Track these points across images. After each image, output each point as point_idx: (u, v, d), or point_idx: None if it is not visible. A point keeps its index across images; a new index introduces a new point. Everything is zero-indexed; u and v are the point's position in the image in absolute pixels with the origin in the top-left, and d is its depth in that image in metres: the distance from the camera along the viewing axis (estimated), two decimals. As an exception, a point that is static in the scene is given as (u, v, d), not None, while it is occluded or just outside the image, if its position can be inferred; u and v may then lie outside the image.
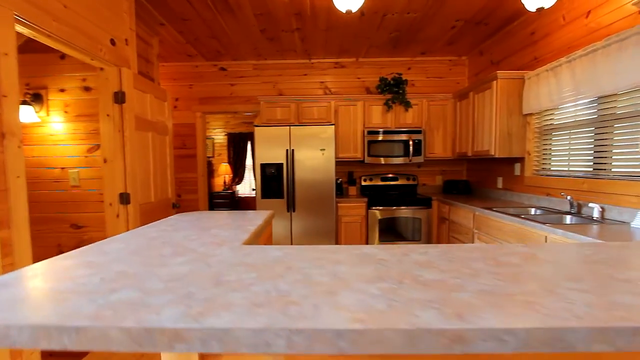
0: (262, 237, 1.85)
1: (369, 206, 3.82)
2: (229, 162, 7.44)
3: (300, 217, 3.66)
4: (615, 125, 2.35)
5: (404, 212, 3.82)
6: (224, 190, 7.25)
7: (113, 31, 2.38)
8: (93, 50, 2.15)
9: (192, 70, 4.37)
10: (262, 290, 0.75)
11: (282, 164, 3.65)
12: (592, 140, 2.53)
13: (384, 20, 3.25)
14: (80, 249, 1.17)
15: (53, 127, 2.98)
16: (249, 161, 7.62)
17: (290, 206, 3.66)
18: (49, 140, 2.99)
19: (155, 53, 3.30)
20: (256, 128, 3.63)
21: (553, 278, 0.83)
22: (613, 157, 2.36)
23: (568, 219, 2.46)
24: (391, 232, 3.83)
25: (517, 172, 3.32)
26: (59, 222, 2.96)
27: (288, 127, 3.64)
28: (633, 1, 2.10)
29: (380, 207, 3.82)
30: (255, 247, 1.15)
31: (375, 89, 4.40)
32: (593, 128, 2.53)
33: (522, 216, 2.39)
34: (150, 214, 2.72)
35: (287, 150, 3.63)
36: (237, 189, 7.60)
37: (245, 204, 7.71)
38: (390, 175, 4.34)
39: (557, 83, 2.68)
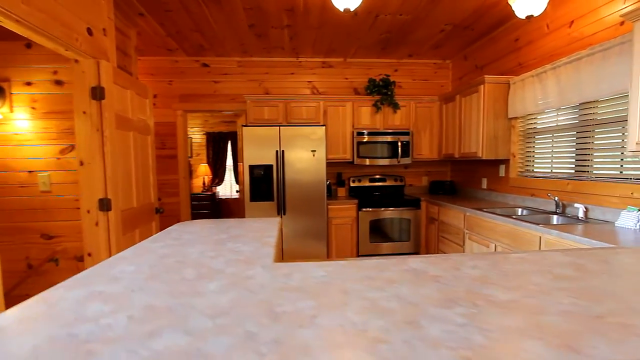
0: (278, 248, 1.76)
1: (360, 208, 3.80)
2: (208, 163, 7.15)
3: (291, 220, 3.57)
4: (596, 130, 2.48)
5: (394, 213, 3.84)
6: (203, 191, 6.95)
7: (90, 19, 2.16)
8: (68, 39, 1.93)
9: (171, 66, 4.12)
10: (333, 325, 0.66)
11: (271, 165, 3.53)
12: (574, 143, 2.65)
13: (376, 21, 3.22)
14: (81, 274, 1.01)
15: (18, 125, 2.68)
16: (229, 161, 7.37)
17: (281, 209, 3.55)
18: (14, 140, 2.69)
19: (133, 45, 3.07)
20: (244, 128, 3.48)
21: (624, 293, 0.81)
22: (594, 160, 2.48)
23: (555, 219, 2.56)
24: (381, 233, 3.83)
25: (502, 173, 3.43)
26: (27, 231, 2.67)
27: (278, 127, 3.52)
28: (620, 13, 2.22)
29: (371, 209, 3.81)
30: (290, 265, 1.06)
31: (363, 90, 4.38)
32: (575, 132, 2.65)
33: (514, 217, 2.46)
34: (133, 221, 2.52)
35: (277, 151, 3.52)
36: (217, 190, 7.33)
37: (226, 206, 7.45)
38: (378, 177, 4.35)
39: (542, 88, 2.78)
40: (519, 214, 2.92)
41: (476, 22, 3.27)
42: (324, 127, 3.56)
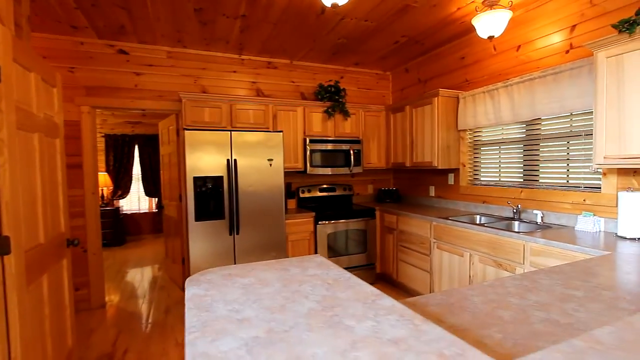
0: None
1: (316, 221, 3.55)
2: (109, 171, 5.88)
3: (245, 240, 3.09)
4: (541, 144, 2.80)
5: (350, 224, 3.70)
6: (102, 206, 5.65)
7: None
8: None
9: (75, 49, 3.17)
10: None
11: (221, 177, 2.99)
12: (522, 155, 2.96)
13: (339, 24, 3.05)
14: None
15: None
16: (136, 169, 6.20)
17: (234, 228, 3.04)
18: None
19: (25, 15, 2.23)
20: (186, 132, 2.87)
21: None
22: (541, 170, 2.80)
23: (516, 225, 2.79)
24: (338, 246, 3.65)
25: (451, 181, 3.64)
26: None
27: (229, 132, 3.02)
28: (566, 42, 2.53)
29: (327, 222, 3.59)
30: None
31: (311, 95, 4.16)
32: (522, 145, 2.96)
33: (486, 225, 2.57)
34: (41, 263, 1.77)
35: (228, 160, 3.01)
36: (121, 204, 6.07)
37: (133, 222, 6.24)
38: (327, 186, 4.17)
39: (493, 104, 3.03)
40: (478, 220, 3.11)
41: (429, 37, 3.41)
42: (281, 133, 3.20)
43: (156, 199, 6.58)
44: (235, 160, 3.03)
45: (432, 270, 3.06)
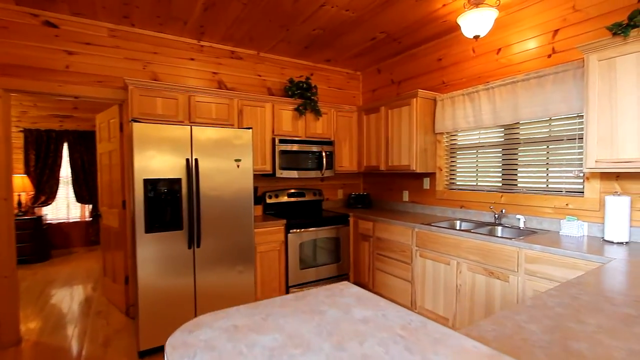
0: None
1: (287, 229, 3.20)
2: (29, 173, 4.90)
3: (207, 253, 2.64)
4: (520, 149, 2.79)
5: (323, 232, 3.41)
6: (19, 214, 4.68)
7: None
8: None
9: (-19, 14, 2.48)
10: None
11: (179, 179, 2.53)
12: (500, 159, 2.93)
13: (318, 12, 2.77)
14: None
15: None
16: (64, 172, 5.28)
17: (193, 240, 2.58)
18: None
19: None
20: (135, 125, 2.37)
21: None
22: (519, 175, 2.78)
23: (499, 230, 2.72)
24: (311, 257, 3.34)
25: (427, 186, 3.53)
26: None
27: (189, 126, 2.56)
28: (549, 46, 2.53)
29: (299, 230, 3.26)
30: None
31: (279, 92, 3.82)
32: (501, 149, 2.93)
33: (472, 231, 2.46)
34: None
35: (187, 160, 2.55)
36: (45, 212, 5.10)
37: (62, 234, 5.30)
38: (295, 190, 3.85)
39: (473, 107, 2.97)
40: (459, 226, 3.01)
41: (408, 35, 3.27)
42: (250, 130, 2.82)
43: (90, 205, 5.68)
44: (196, 160, 2.58)
45: (414, 279, 2.88)
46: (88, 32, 2.85)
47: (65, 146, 5.37)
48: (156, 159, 2.44)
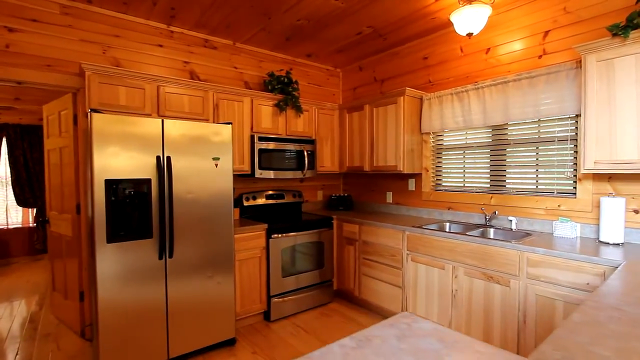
0: None
1: (269, 234, 2.96)
2: (-44, 172, 4.20)
3: (181, 264, 2.33)
4: (508, 149, 2.77)
5: (306, 237, 3.20)
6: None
7: None
8: None
9: None
10: None
11: (149, 180, 2.20)
12: (488, 160, 2.90)
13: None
14: None
15: None
16: (2, 170, 4.60)
17: (165, 250, 2.26)
18: None
19: None
20: (94, 115, 2.02)
21: None
22: (508, 176, 2.76)
23: (492, 232, 2.67)
24: (293, 263, 3.11)
25: (412, 187, 3.45)
26: None
27: (160, 119, 2.24)
28: (538, 47, 2.52)
29: (281, 235, 3.03)
30: None
31: (257, 86, 3.55)
32: (489, 150, 2.90)
33: (469, 234, 2.38)
34: None
35: (158, 157, 2.23)
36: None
37: (0, 242, 4.60)
38: (272, 192, 3.60)
39: (462, 107, 2.91)
40: (448, 228, 2.94)
41: (395, 32, 3.16)
42: (230, 125, 2.54)
43: (35, 209, 5.01)
44: (168, 158, 2.26)
45: (404, 285, 2.76)
46: (35, 7, 2.42)
47: (4, 142, 4.69)
48: (121, 157, 2.10)
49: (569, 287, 1.84)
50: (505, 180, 2.76)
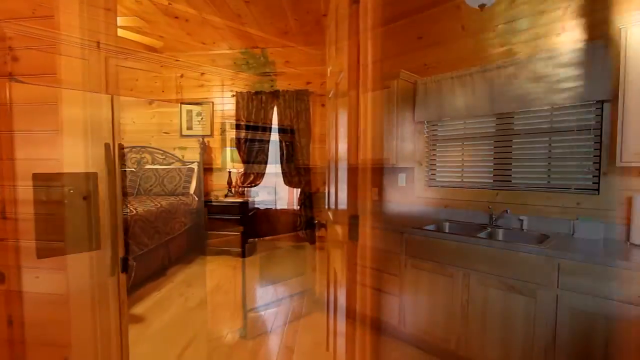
0: None
1: (244, 239, 2.51)
2: None
3: (140, 281, 1.83)
4: (514, 140, 2.53)
5: (286, 240, 2.80)
6: None
7: None
8: None
9: None
10: None
11: (95, 173, 1.67)
12: (492, 153, 2.64)
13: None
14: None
15: None
16: None
17: (117, 262, 1.75)
18: None
19: None
20: (15, 87, 1.47)
21: None
22: (514, 170, 2.52)
23: (501, 233, 2.42)
24: (271, 270, 2.69)
25: (402, 182, 3.14)
26: None
27: (109, 96, 1.72)
28: (560, 29, 2.26)
29: (257, 239, 2.60)
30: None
31: (230, 66, 3.05)
32: (492, 141, 2.65)
33: (482, 237, 2.09)
34: None
35: (107, 146, 1.70)
36: None
37: None
38: (247, 189, 3.14)
39: (465, 93, 2.63)
40: (448, 228, 2.66)
41: (387, 5, 2.80)
42: (200, 106, 2.06)
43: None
44: (121, 146, 1.74)
45: (403, 294, 2.45)
46: None
47: None
48: (55, 144, 1.56)
49: (612, 300, 1.59)
50: (511, 175, 2.51)
